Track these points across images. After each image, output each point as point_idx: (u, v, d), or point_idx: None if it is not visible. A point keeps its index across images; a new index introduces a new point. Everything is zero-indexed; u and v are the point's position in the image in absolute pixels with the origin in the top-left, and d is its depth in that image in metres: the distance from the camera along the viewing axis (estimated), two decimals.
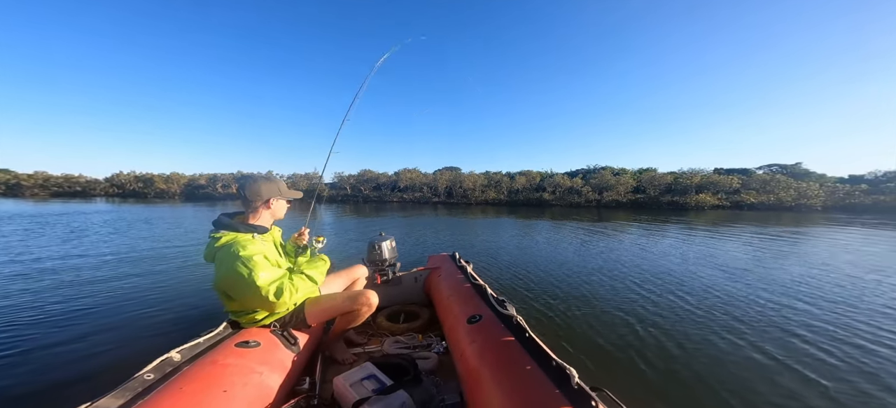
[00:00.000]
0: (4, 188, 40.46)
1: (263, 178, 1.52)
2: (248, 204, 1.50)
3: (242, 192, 1.50)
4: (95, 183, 42.84)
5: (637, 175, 32.19)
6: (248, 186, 1.49)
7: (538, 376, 1.08)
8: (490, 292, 1.79)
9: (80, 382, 1.97)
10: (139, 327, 2.76)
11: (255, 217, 1.52)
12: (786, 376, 2.07)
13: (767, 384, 1.99)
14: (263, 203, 1.51)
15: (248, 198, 1.48)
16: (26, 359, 2.21)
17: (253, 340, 1.37)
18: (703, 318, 2.96)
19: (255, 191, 1.48)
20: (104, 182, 42.93)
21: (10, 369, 2.08)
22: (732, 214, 17.99)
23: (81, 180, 42.88)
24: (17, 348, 2.35)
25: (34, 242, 6.56)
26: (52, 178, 42.90)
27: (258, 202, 1.50)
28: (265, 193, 1.50)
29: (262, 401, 1.16)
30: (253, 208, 1.50)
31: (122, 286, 3.86)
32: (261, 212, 1.52)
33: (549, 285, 3.99)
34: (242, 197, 1.50)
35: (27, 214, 12.55)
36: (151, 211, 16.42)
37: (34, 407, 1.78)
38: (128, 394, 0.97)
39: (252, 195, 1.48)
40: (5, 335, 2.52)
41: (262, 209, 1.52)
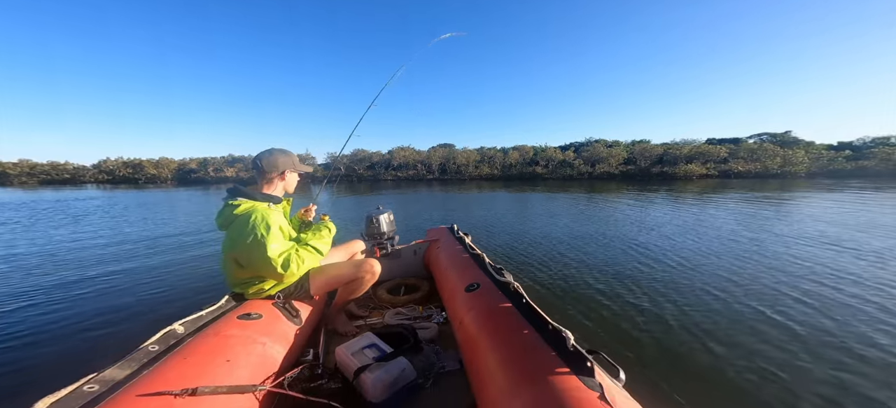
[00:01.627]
0: None
1: (279, 151, 1.55)
2: (263, 175, 1.52)
3: (259, 163, 1.51)
4: (83, 170, 41.44)
5: (630, 147, 32.10)
6: (264, 158, 1.51)
7: (535, 339, 1.10)
8: (488, 262, 1.80)
9: (86, 355, 2.00)
10: (144, 302, 2.79)
11: (269, 187, 1.54)
12: (770, 331, 2.14)
13: (752, 340, 2.05)
14: (279, 175, 1.54)
15: (264, 169, 1.50)
16: (36, 336, 2.22)
17: (255, 312, 1.37)
18: (690, 284, 3.02)
19: (271, 162, 1.51)
20: (92, 169, 41.55)
21: (20, 345, 2.10)
22: (719, 183, 18.27)
23: (68, 168, 41.39)
24: (26, 325, 2.36)
25: (34, 228, 6.42)
26: (38, 165, 41.30)
27: (274, 173, 1.52)
28: (281, 165, 1.53)
29: (266, 370, 1.17)
30: (268, 179, 1.53)
31: (127, 265, 3.85)
32: (275, 183, 1.55)
33: (544, 255, 4.05)
34: (258, 168, 1.51)
35: (20, 202, 12.19)
36: (146, 196, 16.08)
37: (43, 380, 1.80)
38: (133, 364, 0.97)
39: (268, 167, 1.51)
40: (16, 313, 2.54)
41: (276, 180, 1.55)
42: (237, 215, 1.41)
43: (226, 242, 1.44)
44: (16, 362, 1.94)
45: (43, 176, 39.25)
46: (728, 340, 2.05)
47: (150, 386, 0.86)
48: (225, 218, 1.44)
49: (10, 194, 17.40)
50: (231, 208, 1.43)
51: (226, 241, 1.44)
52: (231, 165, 38.90)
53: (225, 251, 1.44)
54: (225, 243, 1.44)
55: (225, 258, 1.46)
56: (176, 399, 0.84)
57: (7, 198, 14.70)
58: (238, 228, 1.38)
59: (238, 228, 1.38)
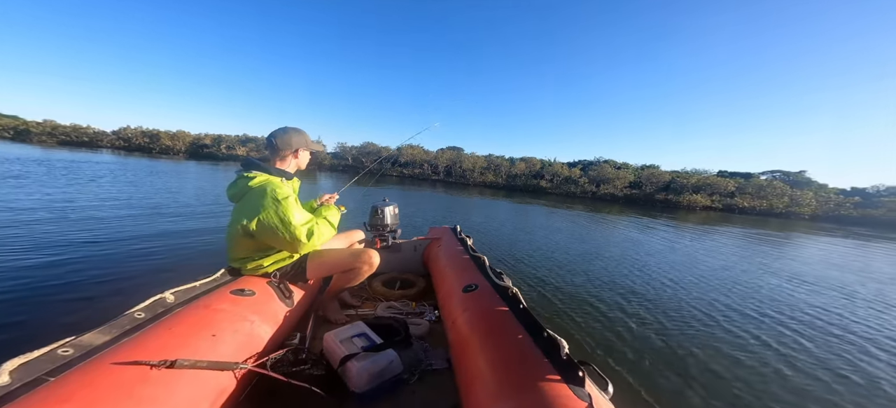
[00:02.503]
0: (13, 133, 39.82)
1: (294, 129, 1.56)
2: (277, 152, 1.52)
3: (273, 140, 1.51)
4: (102, 135, 42.11)
5: (638, 171, 31.87)
6: (279, 136, 1.51)
7: (528, 345, 1.06)
8: (488, 264, 1.75)
9: (72, 318, 1.94)
10: (140, 269, 2.75)
11: (282, 164, 1.54)
12: (755, 359, 2.19)
13: (736, 367, 2.07)
14: (292, 152, 1.55)
15: (279, 146, 1.51)
16: (24, 294, 2.16)
17: (248, 288, 1.34)
18: (680, 309, 3.01)
19: (285, 140, 1.52)
20: (111, 134, 42.20)
21: (4, 302, 2.05)
22: (721, 216, 18.03)
23: (89, 131, 42.10)
24: (16, 281, 2.31)
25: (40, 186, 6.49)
26: (60, 127, 42.10)
27: (287, 151, 1.53)
28: (295, 143, 1.54)
29: (251, 349, 1.13)
30: (282, 156, 1.53)
31: (127, 231, 3.83)
32: (289, 160, 1.56)
33: (541, 265, 4.00)
34: (272, 145, 1.51)
35: (33, 159, 12.38)
36: (155, 165, 16.25)
37: (22, 340, 1.73)
38: (115, 330, 0.93)
39: (283, 144, 1.51)
40: (6, 269, 2.49)
41: (290, 158, 1.56)
42: (252, 187, 1.39)
43: (238, 213, 1.40)
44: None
45: (63, 137, 39.96)
46: (714, 364, 2.07)
47: (128, 354, 0.81)
48: (238, 189, 1.42)
49: (24, 150, 17.71)
50: (246, 180, 1.41)
51: (238, 212, 1.40)
52: (244, 145, 39.29)
53: (235, 223, 1.40)
54: (237, 214, 1.40)
55: (232, 230, 1.42)
56: (152, 370, 0.80)
57: (22, 153, 14.94)
58: (254, 199, 1.36)
59: (254, 199, 1.36)
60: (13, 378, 0.68)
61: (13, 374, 0.69)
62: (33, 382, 0.70)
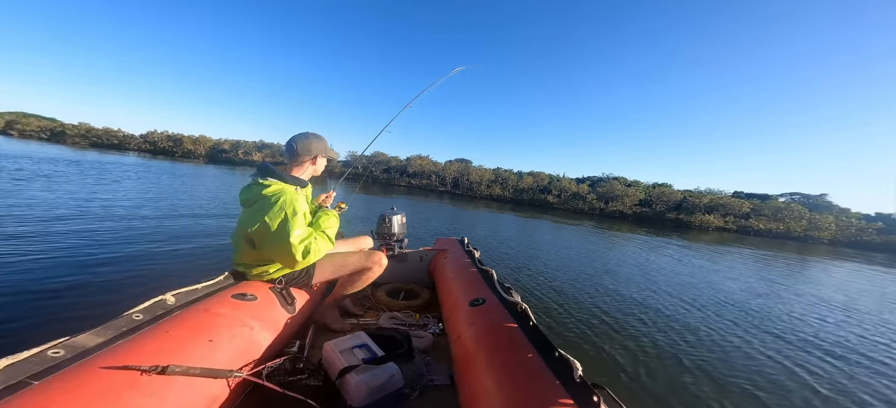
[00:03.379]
0: (49, 134, 42.20)
1: (313, 135, 1.53)
2: (296, 157, 1.48)
3: (293, 145, 1.48)
4: (131, 138, 44.22)
5: (649, 189, 31.23)
6: (299, 142, 1.48)
7: (538, 365, 0.98)
8: (496, 279, 1.68)
9: (71, 316, 1.93)
10: (147, 269, 2.76)
11: (299, 170, 1.51)
12: (783, 388, 2.03)
13: (764, 393, 1.93)
14: (311, 159, 1.52)
15: (299, 152, 1.48)
16: (24, 290, 2.15)
17: (250, 293, 1.29)
18: (700, 331, 2.87)
19: (306, 146, 1.49)
20: (138, 138, 44.26)
21: (10, 299, 2.04)
22: (736, 238, 17.35)
23: (119, 135, 44.32)
24: (24, 278, 2.33)
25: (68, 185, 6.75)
26: (93, 129, 44.40)
27: (307, 157, 1.50)
28: (314, 149, 1.51)
29: (248, 356, 1.08)
30: (300, 162, 1.50)
31: (139, 231, 3.90)
32: (306, 166, 1.52)
33: (552, 282, 3.88)
34: (292, 150, 1.48)
35: (65, 159, 12.99)
36: (176, 168, 16.83)
37: (20, 336, 1.72)
38: (110, 332, 0.89)
39: (303, 150, 1.48)
40: (16, 266, 2.52)
41: (308, 164, 1.53)
42: (265, 195, 1.34)
43: (245, 218, 1.36)
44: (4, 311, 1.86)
45: (95, 139, 42.09)
46: (734, 391, 1.94)
47: (119, 358, 0.77)
48: (252, 195, 1.37)
49: (59, 150, 18.66)
50: (260, 187, 1.36)
51: (245, 217, 1.36)
52: (260, 150, 40.55)
53: (242, 227, 1.36)
54: (244, 220, 1.36)
55: (239, 234, 1.38)
56: (142, 376, 0.75)
57: (56, 153, 15.73)
58: (263, 208, 1.31)
59: (263, 208, 1.31)
60: None
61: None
62: (16, 384, 0.66)
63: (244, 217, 1.37)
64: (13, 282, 2.24)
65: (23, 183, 6.11)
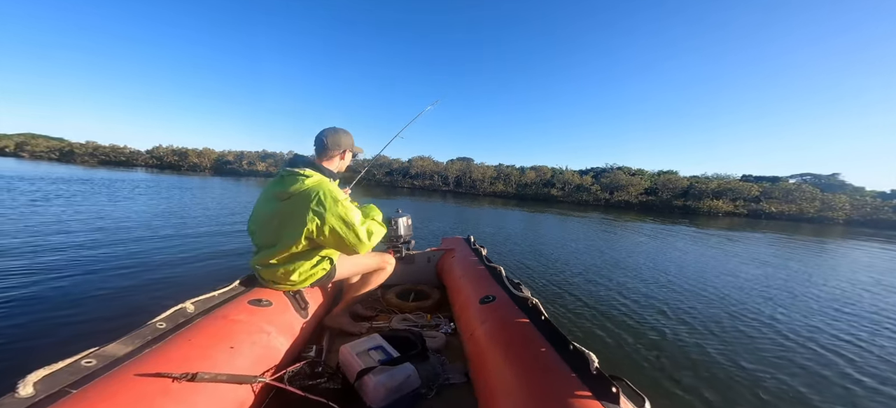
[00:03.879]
0: (58, 155, 43.22)
1: (343, 130, 1.51)
2: (326, 151, 1.47)
3: (324, 139, 1.46)
4: (137, 154, 45.06)
5: (655, 177, 30.83)
6: (330, 135, 1.47)
7: (553, 358, 0.99)
8: (505, 275, 1.69)
9: (98, 328, 2.01)
10: (163, 279, 2.84)
11: (328, 164, 1.49)
12: (814, 374, 1.97)
13: (795, 380, 1.89)
14: (340, 153, 1.51)
15: (329, 146, 1.46)
16: (55, 304, 2.25)
17: (265, 298, 1.33)
18: (722, 319, 2.81)
19: (336, 140, 1.48)
20: (145, 154, 45.07)
21: (33, 313, 2.13)
22: (747, 223, 17.05)
23: (126, 151, 45.20)
24: (45, 293, 2.41)
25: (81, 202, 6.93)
26: (100, 148, 45.36)
27: (336, 151, 1.49)
28: (344, 144, 1.50)
29: (267, 361, 1.11)
30: (329, 156, 1.48)
31: (152, 243, 3.99)
32: (335, 160, 1.52)
33: (561, 275, 3.87)
34: (321, 144, 1.46)
35: (76, 178, 13.31)
36: (184, 181, 17.12)
37: (48, 349, 1.80)
38: (137, 341, 0.93)
39: (333, 144, 1.47)
40: (37, 282, 2.60)
41: (337, 159, 1.51)
42: (309, 187, 1.29)
43: (288, 211, 1.29)
44: (25, 328, 1.94)
45: (103, 157, 42.99)
46: (763, 379, 1.90)
47: (150, 366, 0.81)
48: (291, 187, 1.30)
49: (69, 170, 19.11)
50: (302, 179, 1.31)
51: (287, 210, 1.29)
52: (263, 160, 41.02)
53: (286, 224, 1.29)
54: (285, 213, 1.29)
55: (272, 229, 1.32)
56: (173, 383, 0.79)
57: (67, 173, 16.10)
58: (311, 200, 1.27)
59: (311, 200, 1.27)
60: (37, 390, 0.69)
61: (37, 385, 0.69)
62: (57, 393, 0.70)
63: (288, 212, 1.30)
64: (42, 296, 2.33)
65: (42, 204, 6.28)
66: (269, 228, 1.35)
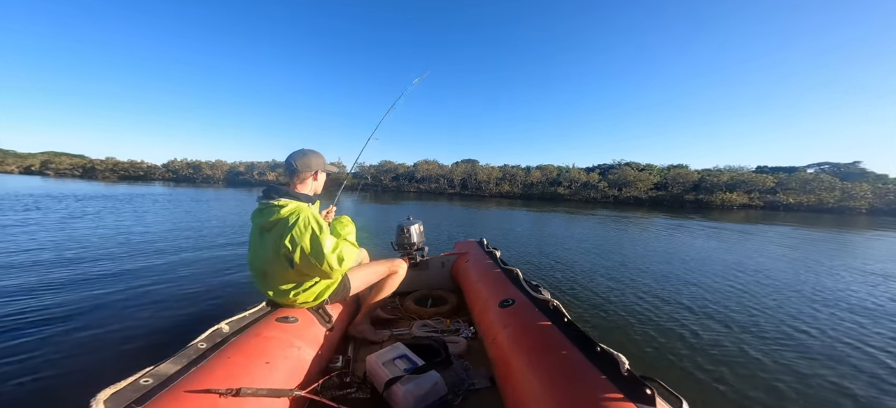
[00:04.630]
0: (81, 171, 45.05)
1: (312, 152, 1.53)
2: (296, 174, 1.47)
3: (292, 163, 1.47)
4: (154, 168, 46.61)
5: (664, 172, 30.18)
6: (298, 159, 1.48)
7: (580, 361, 0.99)
8: (522, 278, 1.69)
9: (143, 346, 2.10)
10: (194, 298, 2.94)
11: (302, 187, 1.51)
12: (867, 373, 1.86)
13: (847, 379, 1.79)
14: (312, 175, 1.52)
15: (299, 169, 1.47)
16: (101, 324, 2.37)
17: (291, 315, 1.38)
18: (758, 316, 2.70)
19: (305, 163, 1.48)
20: (161, 168, 46.59)
21: (88, 332, 2.25)
22: (764, 215, 16.50)
23: (143, 166, 46.85)
24: (94, 313, 2.54)
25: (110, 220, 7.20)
26: (119, 163, 47.12)
27: (307, 173, 1.49)
28: (314, 165, 1.51)
29: (300, 374, 1.15)
30: (301, 179, 1.49)
31: (180, 263, 4.10)
32: (308, 183, 1.52)
33: (577, 276, 3.81)
34: (292, 168, 1.47)
35: (100, 195, 13.84)
36: (200, 194, 17.60)
37: (105, 366, 1.90)
38: (183, 360, 0.99)
39: (302, 167, 1.47)
40: (79, 304, 2.72)
41: (309, 181, 1.52)
42: (284, 216, 1.33)
43: (273, 242, 1.32)
44: (83, 346, 2.07)
45: (122, 172, 44.63)
46: (811, 377, 1.81)
47: (199, 383, 0.87)
48: (269, 218, 1.35)
49: (92, 187, 19.88)
50: (278, 208, 1.34)
51: (271, 241, 1.33)
52: (273, 170, 41.89)
53: (272, 253, 1.33)
54: (272, 244, 1.33)
55: (266, 260, 1.37)
56: (220, 399, 0.84)
57: (91, 190, 16.75)
58: (286, 228, 1.30)
59: (286, 228, 1.30)
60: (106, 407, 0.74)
61: (106, 404, 0.75)
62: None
63: (272, 242, 1.34)
64: (90, 314, 2.47)
65: (71, 221, 6.56)
66: (264, 259, 1.38)
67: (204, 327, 1.16)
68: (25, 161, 56.04)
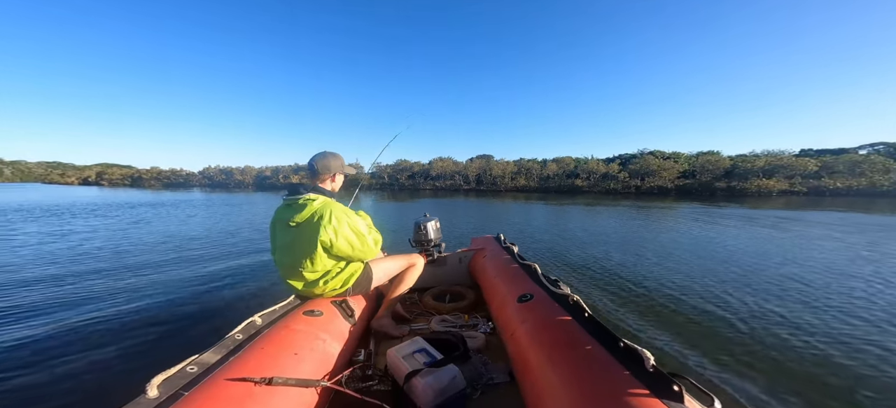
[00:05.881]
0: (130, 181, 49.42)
1: (331, 154, 1.61)
2: (317, 175, 1.56)
3: (314, 165, 1.56)
4: (192, 175, 50.22)
5: (693, 159, 28.26)
6: (319, 161, 1.56)
7: (602, 356, 0.95)
8: (541, 272, 1.65)
9: (189, 334, 2.30)
10: (230, 292, 3.17)
11: (322, 186, 1.59)
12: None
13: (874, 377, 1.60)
14: (331, 176, 1.60)
15: (319, 171, 1.55)
16: (155, 314, 2.63)
17: (317, 309, 1.43)
18: (799, 312, 2.49)
19: (325, 165, 1.56)
20: (198, 175, 50.06)
21: (145, 319, 2.51)
22: (809, 201, 15.04)
23: (183, 173, 50.60)
24: (144, 306, 2.80)
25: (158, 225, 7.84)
26: (162, 172, 51.14)
27: (326, 175, 1.57)
28: (333, 167, 1.59)
29: (325, 366, 1.19)
30: (321, 180, 1.57)
31: (219, 260, 4.41)
32: (327, 183, 1.60)
33: (598, 269, 3.69)
34: (313, 170, 1.56)
35: (147, 202, 15.08)
36: (232, 198, 18.73)
37: (156, 353, 2.10)
38: (223, 350, 1.06)
39: (322, 169, 1.56)
40: (135, 300, 3.00)
41: (328, 182, 1.60)
42: (318, 208, 1.42)
43: (307, 235, 1.40)
44: (138, 333, 2.30)
45: (165, 180, 48.48)
46: (857, 375, 1.65)
47: (236, 372, 0.93)
48: (302, 211, 1.42)
49: (142, 195, 21.71)
50: (309, 202, 1.43)
51: (306, 234, 1.40)
52: (296, 173, 43.78)
53: (307, 245, 1.41)
54: (307, 237, 1.40)
55: (298, 255, 1.43)
56: (255, 387, 0.89)
57: (142, 198, 18.28)
58: (324, 219, 1.40)
59: (324, 219, 1.40)
60: (159, 392, 0.82)
61: (159, 388, 0.83)
62: (172, 396, 0.82)
63: (304, 233, 1.41)
64: (146, 307, 2.74)
65: (129, 228, 7.19)
66: (292, 253, 1.45)
67: (239, 318, 1.24)
68: (83, 173, 62.34)
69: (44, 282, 3.39)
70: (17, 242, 5.47)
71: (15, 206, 11.86)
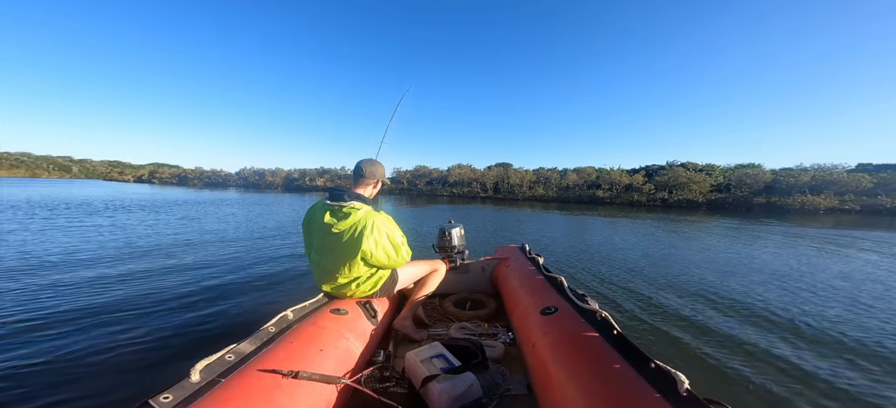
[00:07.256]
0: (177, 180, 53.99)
1: (379, 163, 1.69)
2: (363, 179, 1.61)
3: (362, 169, 1.61)
4: (230, 176, 54.02)
5: (728, 172, 26.23)
6: (367, 167, 1.63)
7: (631, 376, 0.89)
8: (567, 286, 1.59)
9: (225, 325, 2.43)
10: (265, 287, 3.36)
11: (363, 190, 1.63)
12: None
13: None
14: (375, 182, 1.67)
15: (366, 175, 1.62)
16: (196, 305, 2.80)
17: (344, 308, 1.47)
18: (863, 339, 2.23)
19: (372, 170, 1.63)
20: (234, 176, 53.75)
21: (190, 309, 2.68)
22: (862, 220, 13.43)
23: (222, 174, 54.58)
24: (189, 297, 2.98)
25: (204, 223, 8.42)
26: (205, 172, 55.45)
27: (371, 180, 1.64)
28: (379, 174, 1.67)
29: (348, 364, 1.21)
30: (364, 184, 1.63)
31: (256, 256, 4.63)
32: (369, 188, 1.66)
33: (627, 285, 3.49)
34: (360, 172, 1.61)
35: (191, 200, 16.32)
36: (263, 198, 19.84)
37: (198, 339, 2.24)
38: (256, 342, 1.12)
39: (370, 174, 1.62)
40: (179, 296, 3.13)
41: (371, 187, 1.66)
42: (362, 219, 1.47)
43: (347, 243, 1.45)
44: (183, 320, 2.47)
45: (207, 179, 52.47)
46: None
47: (267, 363, 0.97)
48: (345, 219, 1.47)
49: (187, 193, 23.57)
50: (352, 211, 1.49)
51: (349, 241, 1.45)
52: (321, 176, 45.68)
53: (348, 252, 1.46)
54: (350, 244, 1.45)
55: (336, 259, 1.49)
56: (283, 379, 0.93)
57: (187, 196, 19.80)
58: (367, 228, 1.45)
59: (367, 228, 1.45)
60: (201, 377, 0.87)
61: (201, 373, 0.88)
62: (212, 381, 0.87)
63: (345, 241, 1.46)
64: (193, 298, 2.94)
65: (181, 225, 7.77)
66: (331, 258, 1.50)
67: (273, 311, 1.30)
68: (138, 171, 69.08)
69: (113, 266, 3.78)
70: (85, 233, 6.08)
71: (79, 200, 13.21)
